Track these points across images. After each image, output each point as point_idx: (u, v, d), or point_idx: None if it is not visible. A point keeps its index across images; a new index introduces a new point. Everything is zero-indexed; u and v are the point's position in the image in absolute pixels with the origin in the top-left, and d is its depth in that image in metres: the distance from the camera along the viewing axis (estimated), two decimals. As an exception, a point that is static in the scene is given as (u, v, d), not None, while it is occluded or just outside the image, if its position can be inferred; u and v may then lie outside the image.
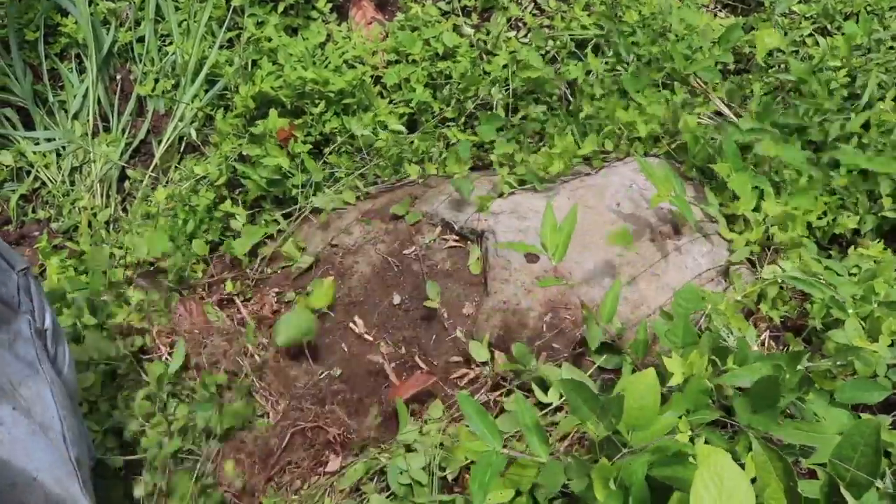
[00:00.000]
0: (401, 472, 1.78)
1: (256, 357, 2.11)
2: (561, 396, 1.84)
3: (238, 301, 2.28)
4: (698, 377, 1.54)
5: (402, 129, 2.51)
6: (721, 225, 2.11)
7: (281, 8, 2.90)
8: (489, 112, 2.48)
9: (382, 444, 1.93)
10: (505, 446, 1.48)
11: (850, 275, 1.97)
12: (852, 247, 2.09)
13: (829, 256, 2.12)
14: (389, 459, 1.84)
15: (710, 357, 1.65)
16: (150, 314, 2.19)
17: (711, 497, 1.15)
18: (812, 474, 1.71)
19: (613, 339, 1.86)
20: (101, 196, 2.79)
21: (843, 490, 1.33)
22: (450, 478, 1.80)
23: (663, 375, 1.57)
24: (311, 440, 2.01)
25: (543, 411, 1.84)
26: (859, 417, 1.63)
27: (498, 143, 2.40)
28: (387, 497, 1.82)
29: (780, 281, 1.90)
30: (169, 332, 2.17)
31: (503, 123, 2.47)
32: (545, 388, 1.89)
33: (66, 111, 2.99)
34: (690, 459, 1.39)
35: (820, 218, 2.14)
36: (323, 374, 2.09)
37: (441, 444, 1.82)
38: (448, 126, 2.55)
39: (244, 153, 2.46)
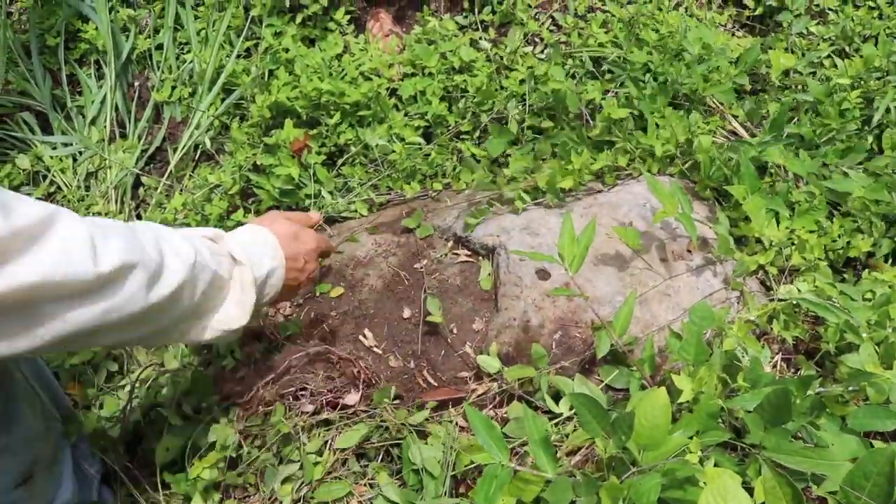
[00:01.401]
0: (414, 464, 1.78)
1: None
2: (571, 408, 1.84)
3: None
4: (708, 397, 1.53)
5: (421, 140, 2.51)
6: (732, 247, 2.10)
7: (299, 19, 2.92)
8: (502, 125, 2.48)
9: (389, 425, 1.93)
10: (514, 453, 1.47)
11: (864, 299, 1.95)
12: (866, 270, 2.08)
13: (843, 280, 2.11)
14: (402, 439, 1.86)
15: (719, 375, 1.64)
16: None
17: (717, 519, 1.13)
18: (822, 502, 1.69)
19: (623, 349, 1.85)
20: (116, 202, 2.81)
21: (853, 518, 1.31)
22: (458, 476, 1.81)
23: (672, 393, 1.56)
24: (338, 368, 2.03)
25: (554, 421, 1.84)
26: (871, 445, 1.62)
27: (513, 158, 2.40)
28: (396, 483, 1.83)
29: (794, 302, 1.89)
30: None
31: (514, 138, 2.47)
32: (556, 399, 1.89)
33: (83, 117, 3.02)
34: (701, 483, 1.38)
35: (835, 241, 2.13)
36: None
37: (451, 447, 1.82)
38: (462, 140, 2.55)
39: (258, 163, 2.47)
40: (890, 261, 2.16)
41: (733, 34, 2.87)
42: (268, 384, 1.99)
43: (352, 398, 1.99)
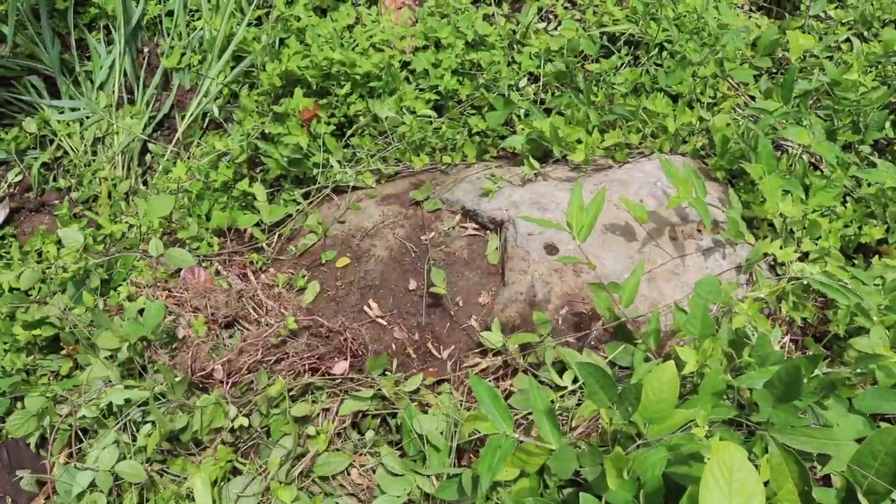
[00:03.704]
0: (417, 436, 1.77)
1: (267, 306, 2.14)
2: (575, 380, 1.82)
3: (252, 276, 2.26)
4: (713, 373, 1.51)
5: (432, 113, 2.49)
6: (743, 230, 2.08)
7: (311, -12, 2.88)
8: (506, 99, 2.44)
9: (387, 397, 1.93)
10: (518, 425, 1.46)
11: (874, 284, 1.93)
12: (877, 256, 2.06)
13: (854, 265, 2.09)
14: (399, 410, 1.85)
15: (725, 350, 1.62)
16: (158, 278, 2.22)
17: (721, 490, 1.12)
18: (826, 482, 1.68)
19: (628, 321, 1.83)
20: (122, 168, 2.79)
21: (860, 496, 1.30)
22: (461, 446, 1.81)
23: (678, 366, 1.55)
24: (324, 340, 2.04)
25: (558, 394, 1.83)
26: (877, 427, 1.60)
27: (519, 127, 2.38)
28: (397, 452, 1.83)
29: (805, 282, 1.87)
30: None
31: (512, 110, 2.44)
32: (561, 374, 1.88)
33: (91, 82, 2.99)
34: (707, 460, 1.36)
35: (847, 226, 2.10)
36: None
37: (452, 418, 1.81)
38: (473, 115, 2.53)
39: (267, 131, 2.45)
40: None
41: (749, 16, 2.84)
42: (246, 354, 2.00)
43: (339, 367, 1.99)
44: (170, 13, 3.04)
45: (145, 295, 2.17)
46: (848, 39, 2.59)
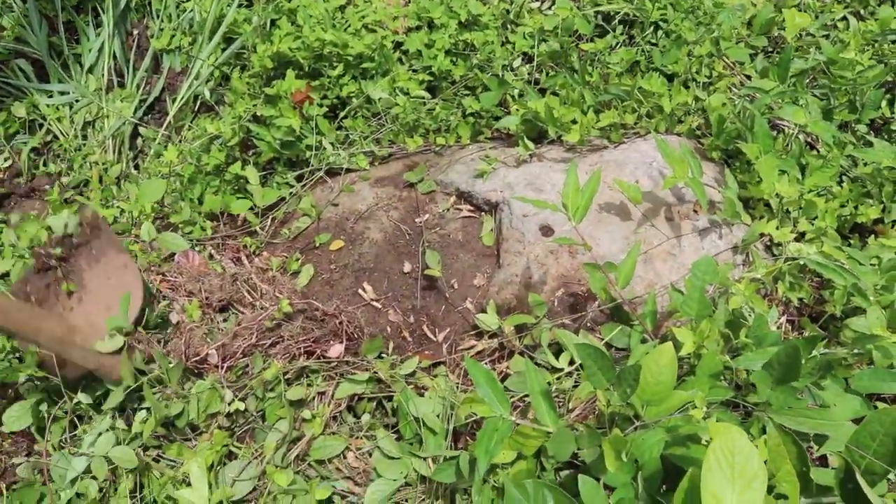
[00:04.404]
0: (413, 419, 1.76)
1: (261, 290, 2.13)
2: (572, 362, 1.82)
3: (245, 260, 2.25)
4: (710, 354, 1.50)
5: (426, 94, 2.46)
6: (740, 210, 2.07)
7: (302, -32, 2.84)
8: (500, 79, 2.42)
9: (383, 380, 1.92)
10: (514, 407, 1.45)
11: (870, 265, 1.93)
12: (872, 236, 2.05)
13: (850, 245, 2.08)
14: (395, 393, 1.84)
15: (721, 331, 1.62)
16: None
17: (723, 472, 1.11)
18: (823, 463, 1.68)
19: (625, 302, 1.83)
20: (113, 152, 2.76)
21: (858, 476, 1.30)
22: (457, 428, 1.81)
23: (675, 347, 1.54)
24: (319, 323, 2.03)
25: (555, 376, 1.82)
26: (874, 407, 1.60)
27: (514, 107, 2.36)
28: (393, 435, 1.82)
29: (801, 262, 1.86)
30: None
31: (507, 91, 2.42)
32: (557, 356, 1.87)
33: (80, 65, 2.96)
34: (704, 442, 1.36)
35: (843, 206, 2.10)
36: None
37: (448, 400, 1.81)
38: (467, 96, 2.50)
39: (259, 114, 2.42)
40: (896, 227, 2.13)
41: (745, -6, 2.81)
42: (241, 338, 1.99)
43: (335, 350, 1.98)
44: (159, -6, 3.00)
45: None
46: (844, 18, 2.58)
